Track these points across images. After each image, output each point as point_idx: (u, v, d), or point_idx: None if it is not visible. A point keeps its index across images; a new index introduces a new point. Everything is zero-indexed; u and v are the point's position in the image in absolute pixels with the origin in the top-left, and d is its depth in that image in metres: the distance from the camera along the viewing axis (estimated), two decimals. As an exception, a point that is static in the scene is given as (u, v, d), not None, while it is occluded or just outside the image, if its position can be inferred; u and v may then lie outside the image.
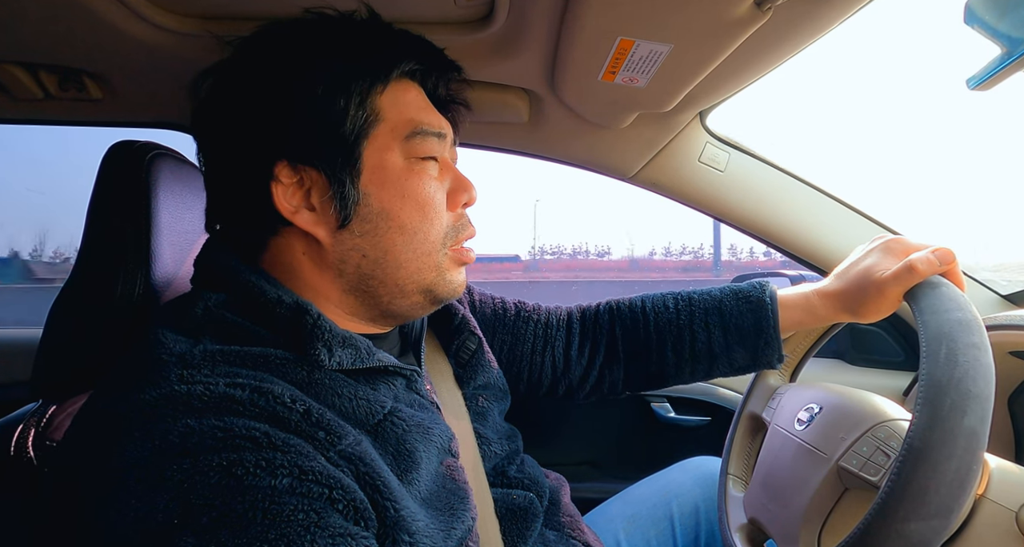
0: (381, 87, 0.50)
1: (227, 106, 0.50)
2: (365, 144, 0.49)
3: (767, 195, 1.03)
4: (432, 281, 0.52)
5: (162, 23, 0.66)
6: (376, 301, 0.52)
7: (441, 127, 0.53)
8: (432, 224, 0.51)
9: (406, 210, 0.50)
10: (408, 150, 0.51)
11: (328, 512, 0.36)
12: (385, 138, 0.50)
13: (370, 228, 0.49)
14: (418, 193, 0.50)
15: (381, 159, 0.50)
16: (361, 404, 0.45)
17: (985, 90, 0.52)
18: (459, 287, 0.55)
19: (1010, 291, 1.02)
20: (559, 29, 0.66)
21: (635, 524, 0.79)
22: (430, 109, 0.54)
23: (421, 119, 0.52)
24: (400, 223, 0.50)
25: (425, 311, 0.56)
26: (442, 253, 0.52)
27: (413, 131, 0.51)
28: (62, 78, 0.80)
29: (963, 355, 0.45)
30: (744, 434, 0.77)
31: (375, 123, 0.50)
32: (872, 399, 0.61)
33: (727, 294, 0.72)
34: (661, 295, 0.76)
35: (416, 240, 0.50)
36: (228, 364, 0.41)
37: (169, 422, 0.36)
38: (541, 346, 0.76)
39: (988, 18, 0.49)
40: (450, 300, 0.55)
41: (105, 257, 0.55)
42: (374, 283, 0.51)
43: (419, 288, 0.52)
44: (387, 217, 0.49)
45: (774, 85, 1.64)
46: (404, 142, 0.51)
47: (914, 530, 0.42)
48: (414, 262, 0.51)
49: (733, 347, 0.71)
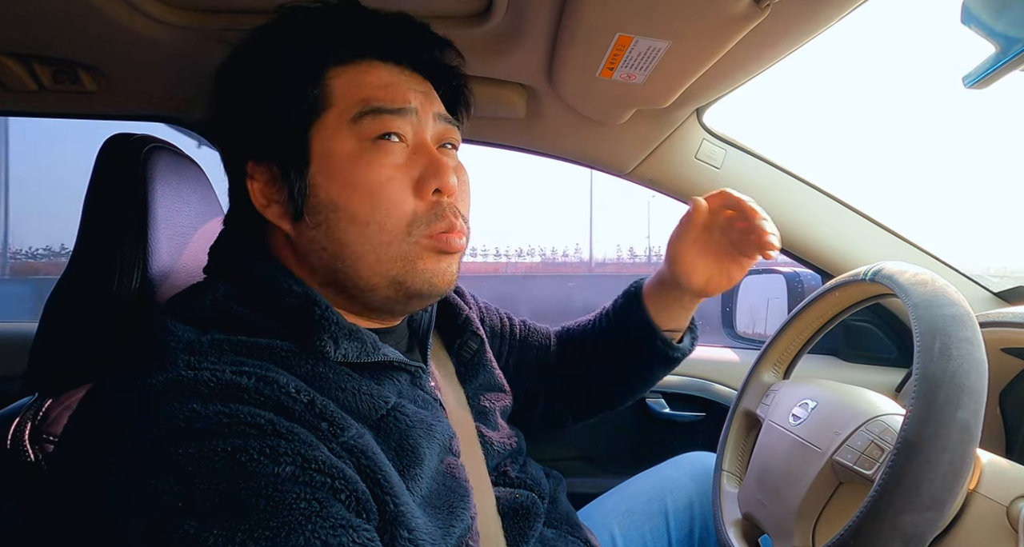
0: (332, 71, 0.48)
1: (215, 107, 0.52)
2: (312, 133, 0.48)
3: (763, 192, 1.03)
4: (399, 273, 0.48)
5: (158, 15, 0.66)
6: (350, 294, 0.50)
7: (405, 101, 0.49)
8: (387, 213, 0.47)
9: (354, 199, 0.47)
10: (359, 132, 0.47)
11: (330, 502, 0.36)
12: (333, 124, 0.48)
13: (322, 220, 0.47)
14: (366, 180, 0.47)
15: (328, 147, 0.47)
16: (364, 399, 0.45)
17: (981, 88, 0.53)
18: (439, 278, 0.50)
19: (1002, 288, 1.02)
20: (557, 25, 0.66)
21: (630, 519, 0.79)
22: (395, 85, 0.50)
23: (375, 96, 0.48)
24: (350, 213, 0.47)
25: (408, 306, 0.53)
26: (408, 242, 0.48)
27: (361, 110, 0.47)
28: (56, 70, 0.79)
29: (956, 349, 0.46)
30: (738, 430, 0.78)
31: (322, 110, 0.48)
32: (866, 394, 0.61)
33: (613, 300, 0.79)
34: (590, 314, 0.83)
35: (370, 231, 0.47)
36: (235, 353, 0.42)
37: (175, 406, 0.36)
38: (542, 358, 0.80)
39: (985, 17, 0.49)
40: (433, 294, 0.51)
41: (102, 250, 0.55)
42: (341, 276, 0.49)
43: (385, 281, 0.48)
44: (335, 208, 0.47)
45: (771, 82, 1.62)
46: (352, 124, 0.47)
47: (908, 522, 0.43)
48: (371, 254, 0.47)
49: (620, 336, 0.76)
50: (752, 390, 0.77)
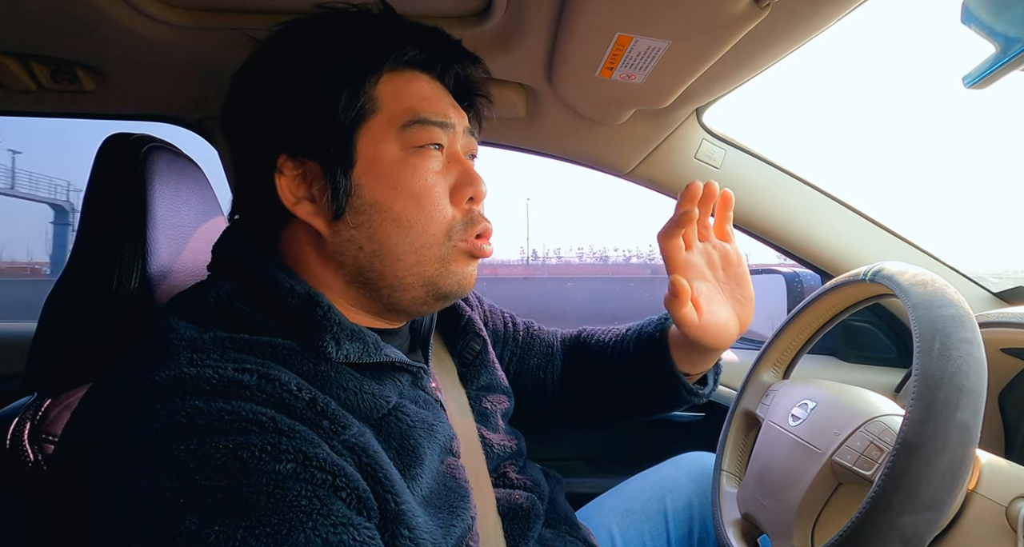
0: (378, 77, 0.50)
1: (239, 102, 0.52)
2: (359, 134, 0.49)
3: (763, 192, 1.03)
4: (434, 274, 0.51)
5: (157, 15, 0.66)
6: (377, 294, 0.51)
7: (447, 116, 0.52)
8: (431, 217, 0.50)
9: (400, 202, 0.49)
10: (405, 140, 0.49)
11: (331, 499, 0.36)
12: (380, 128, 0.49)
13: (364, 220, 0.49)
14: (412, 185, 0.49)
15: (375, 150, 0.49)
16: (365, 398, 0.45)
17: (981, 88, 0.53)
18: (465, 281, 0.53)
19: (1001, 288, 1.02)
20: (557, 24, 0.66)
21: (629, 519, 0.79)
22: (437, 98, 0.52)
23: (422, 108, 0.50)
24: (394, 215, 0.49)
25: (429, 307, 0.54)
26: (447, 246, 0.51)
27: (411, 120, 0.50)
28: (54, 69, 0.79)
29: (956, 350, 0.46)
30: (738, 430, 0.78)
31: (371, 113, 0.49)
32: (865, 395, 0.61)
33: (633, 330, 0.77)
34: (605, 329, 0.82)
35: (413, 233, 0.49)
36: (237, 351, 0.42)
37: (178, 403, 0.36)
38: (546, 362, 0.80)
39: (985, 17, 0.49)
40: (457, 296, 0.53)
41: (101, 250, 0.54)
42: (373, 276, 0.50)
43: (419, 281, 0.50)
44: (380, 209, 0.49)
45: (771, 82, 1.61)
46: (400, 132, 0.49)
47: (907, 522, 0.43)
48: (412, 255, 0.50)
49: (641, 367, 0.73)
50: (751, 390, 0.77)
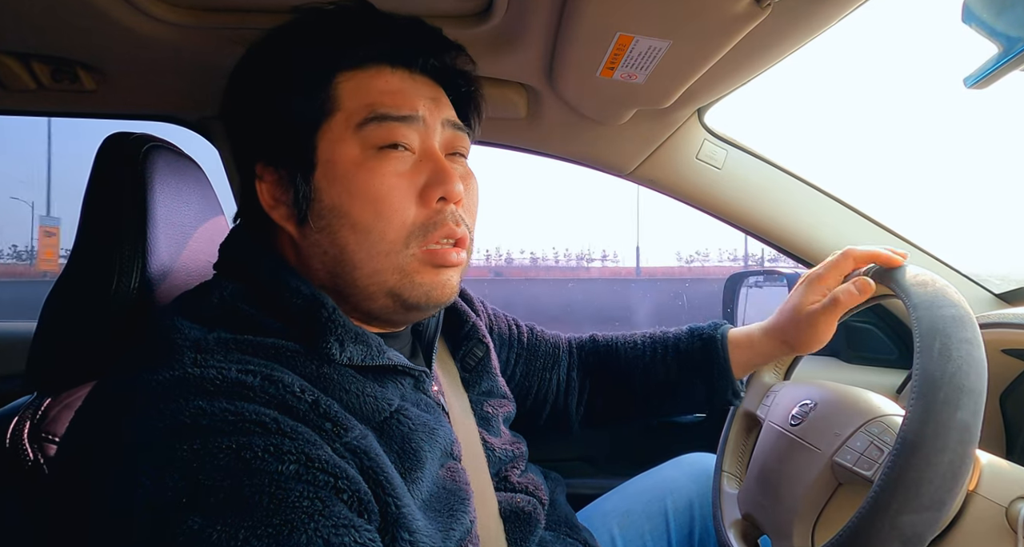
0: (336, 76, 0.48)
1: (224, 107, 0.52)
2: (319, 137, 0.48)
3: (764, 193, 1.03)
4: (396, 285, 0.48)
5: (158, 14, 0.66)
6: (350, 300, 0.50)
7: (412, 109, 0.48)
8: (389, 222, 0.47)
9: (356, 206, 0.47)
10: (364, 140, 0.47)
11: (333, 501, 0.36)
12: (339, 129, 0.48)
13: (324, 225, 0.48)
14: (369, 188, 0.47)
15: (333, 152, 0.47)
16: (368, 401, 0.45)
17: (982, 88, 0.53)
18: (435, 292, 0.49)
19: (1003, 290, 1.02)
20: (558, 24, 0.66)
21: (630, 520, 0.79)
22: (404, 91, 0.49)
23: (381, 102, 0.48)
24: (352, 221, 0.47)
25: (404, 317, 0.53)
26: (405, 254, 0.48)
27: (367, 117, 0.47)
28: (55, 69, 0.79)
29: (956, 350, 0.46)
30: (739, 432, 0.78)
31: (329, 114, 0.48)
32: (866, 395, 0.61)
33: (685, 332, 0.79)
34: (631, 333, 0.83)
35: (371, 239, 0.47)
36: (241, 352, 0.42)
37: (181, 403, 0.36)
38: (550, 365, 0.80)
39: (986, 16, 0.49)
40: (432, 307, 0.51)
41: (101, 250, 0.54)
42: (340, 282, 0.49)
43: (382, 291, 0.48)
44: (338, 214, 0.47)
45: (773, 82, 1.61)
46: (358, 130, 0.47)
47: (907, 522, 0.42)
48: (370, 263, 0.47)
49: (689, 380, 0.76)
50: (752, 391, 0.77)
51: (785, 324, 0.69)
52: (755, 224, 1.05)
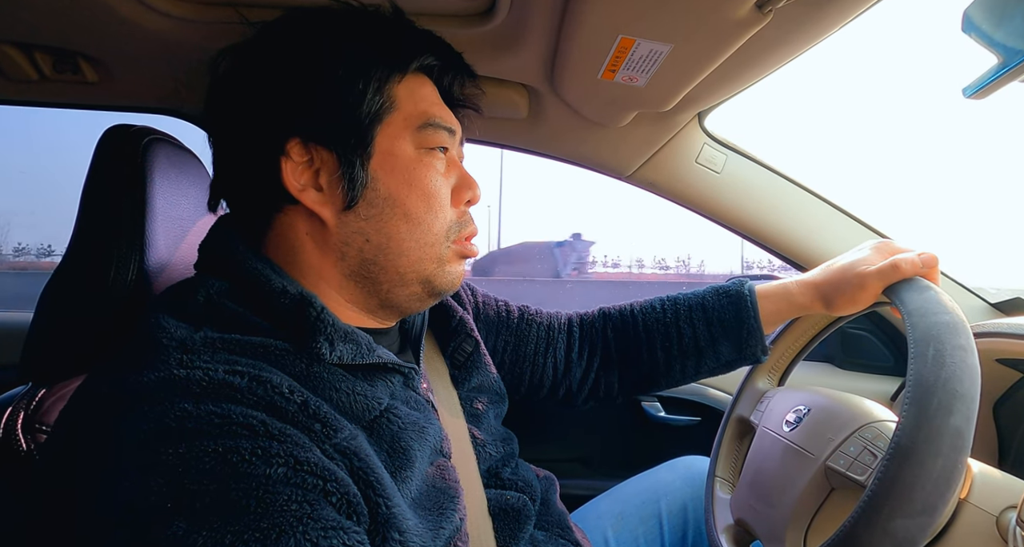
0: (399, 77, 0.52)
1: (246, 83, 0.51)
2: (378, 129, 0.50)
3: (763, 198, 1.04)
4: (432, 272, 0.52)
5: (161, 7, 0.66)
6: (376, 288, 0.52)
7: (452, 123, 0.55)
8: (436, 216, 0.52)
9: (412, 198, 0.50)
10: (419, 140, 0.52)
11: (321, 504, 0.35)
12: (398, 126, 0.51)
13: (376, 212, 0.50)
14: (425, 183, 0.51)
15: (392, 146, 0.50)
16: (358, 399, 0.45)
17: (980, 99, 0.53)
18: (457, 280, 0.55)
19: (999, 299, 1.03)
20: (560, 26, 0.66)
21: (623, 522, 0.79)
22: (442, 105, 0.55)
23: (434, 112, 0.53)
24: (405, 210, 0.50)
25: (423, 303, 0.55)
26: (445, 245, 0.53)
27: (426, 122, 0.52)
28: (57, 60, 0.79)
29: (950, 356, 0.46)
30: (732, 437, 0.78)
31: (390, 110, 0.51)
32: (859, 401, 0.61)
33: (709, 291, 0.76)
34: (649, 299, 0.79)
35: (420, 230, 0.51)
36: (228, 352, 0.41)
37: (167, 405, 0.36)
38: (543, 348, 0.77)
39: (986, 27, 0.49)
40: (448, 293, 0.56)
41: (99, 242, 0.54)
42: (375, 269, 0.51)
43: (419, 278, 0.52)
44: (393, 203, 0.50)
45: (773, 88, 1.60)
46: (416, 132, 0.51)
47: (900, 527, 0.43)
48: (416, 251, 0.51)
49: (718, 340, 0.73)
50: (746, 397, 0.78)
51: (831, 278, 0.67)
52: (753, 228, 1.05)
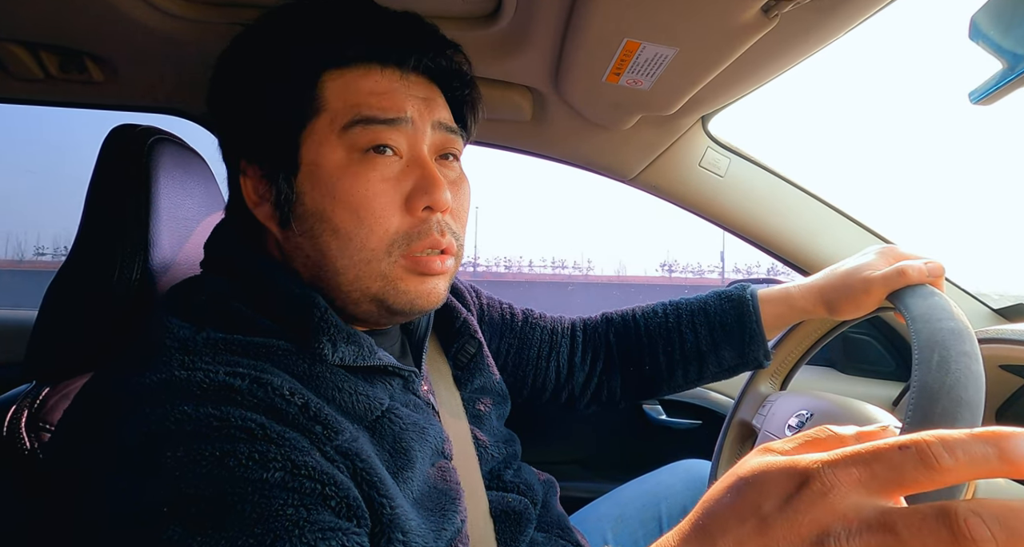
0: (334, 72, 0.46)
1: (213, 94, 0.51)
2: (303, 137, 0.46)
3: (766, 202, 1.03)
4: (380, 291, 0.47)
5: (168, 8, 0.66)
6: (333, 303, 0.48)
7: (400, 111, 0.46)
8: (371, 230, 0.45)
9: (338, 212, 0.45)
10: (349, 142, 0.45)
11: (319, 509, 0.35)
12: (323, 131, 0.45)
13: (307, 229, 0.46)
14: (352, 194, 0.45)
15: (317, 155, 0.45)
16: (361, 399, 0.44)
17: (987, 105, 0.53)
18: (420, 300, 0.48)
19: (1002, 305, 1.02)
20: (565, 28, 0.66)
21: (623, 525, 0.79)
22: (391, 93, 0.47)
23: (368, 104, 0.45)
24: (333, 226, 0.45)
25: (390, 321, 0.51)
26: (387, 262, 0.46)
27: (352, 119, 0.45)
28: (63, 59, 0.79)
29: (955, 363, 0.46)
30: (734, 441, 0.78)
31: (314, 114, 0.46)
32: (862, 406, 0.61)
33: (711, 296, 0.75)
34: (651, 304, 0.78)
35: (352, 246, 0.45)
36: (230, 353, 0.41)
37: (166, 408, 0.36)
38: (547, 351, 0.77)
39: (993, 34, 0.49)
40: (415, 312, 0.49)
41: (103, 241, 0.55)
42: (322, 285, 0.47)
43: (365, 297, 0.47)
44: (320, 219, 0.45)
45: (778, 92, 1.59)
46: (342, 133, 0.45)
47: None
48: (352, 269, 0.46)
49: (720, 345, 0.72)
50: (749, 400, 0.77)
51: (834, 283, 0.65)
52: (755, 232, 1.05)
